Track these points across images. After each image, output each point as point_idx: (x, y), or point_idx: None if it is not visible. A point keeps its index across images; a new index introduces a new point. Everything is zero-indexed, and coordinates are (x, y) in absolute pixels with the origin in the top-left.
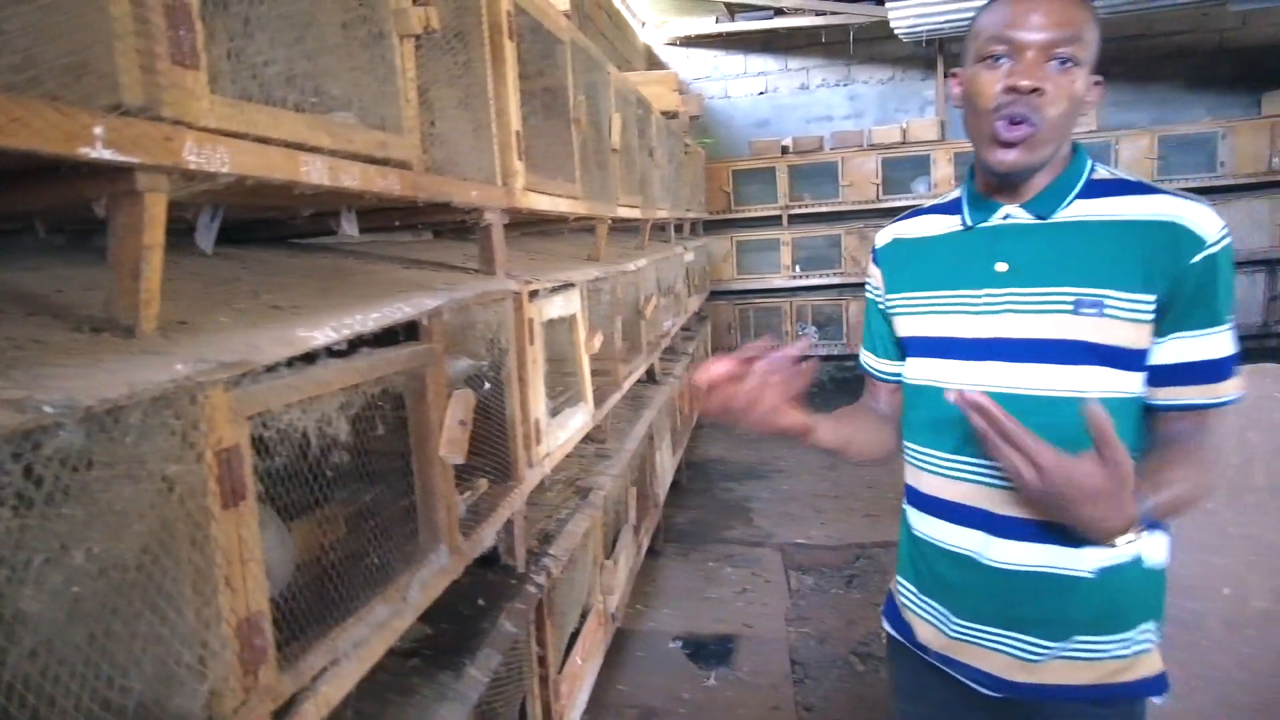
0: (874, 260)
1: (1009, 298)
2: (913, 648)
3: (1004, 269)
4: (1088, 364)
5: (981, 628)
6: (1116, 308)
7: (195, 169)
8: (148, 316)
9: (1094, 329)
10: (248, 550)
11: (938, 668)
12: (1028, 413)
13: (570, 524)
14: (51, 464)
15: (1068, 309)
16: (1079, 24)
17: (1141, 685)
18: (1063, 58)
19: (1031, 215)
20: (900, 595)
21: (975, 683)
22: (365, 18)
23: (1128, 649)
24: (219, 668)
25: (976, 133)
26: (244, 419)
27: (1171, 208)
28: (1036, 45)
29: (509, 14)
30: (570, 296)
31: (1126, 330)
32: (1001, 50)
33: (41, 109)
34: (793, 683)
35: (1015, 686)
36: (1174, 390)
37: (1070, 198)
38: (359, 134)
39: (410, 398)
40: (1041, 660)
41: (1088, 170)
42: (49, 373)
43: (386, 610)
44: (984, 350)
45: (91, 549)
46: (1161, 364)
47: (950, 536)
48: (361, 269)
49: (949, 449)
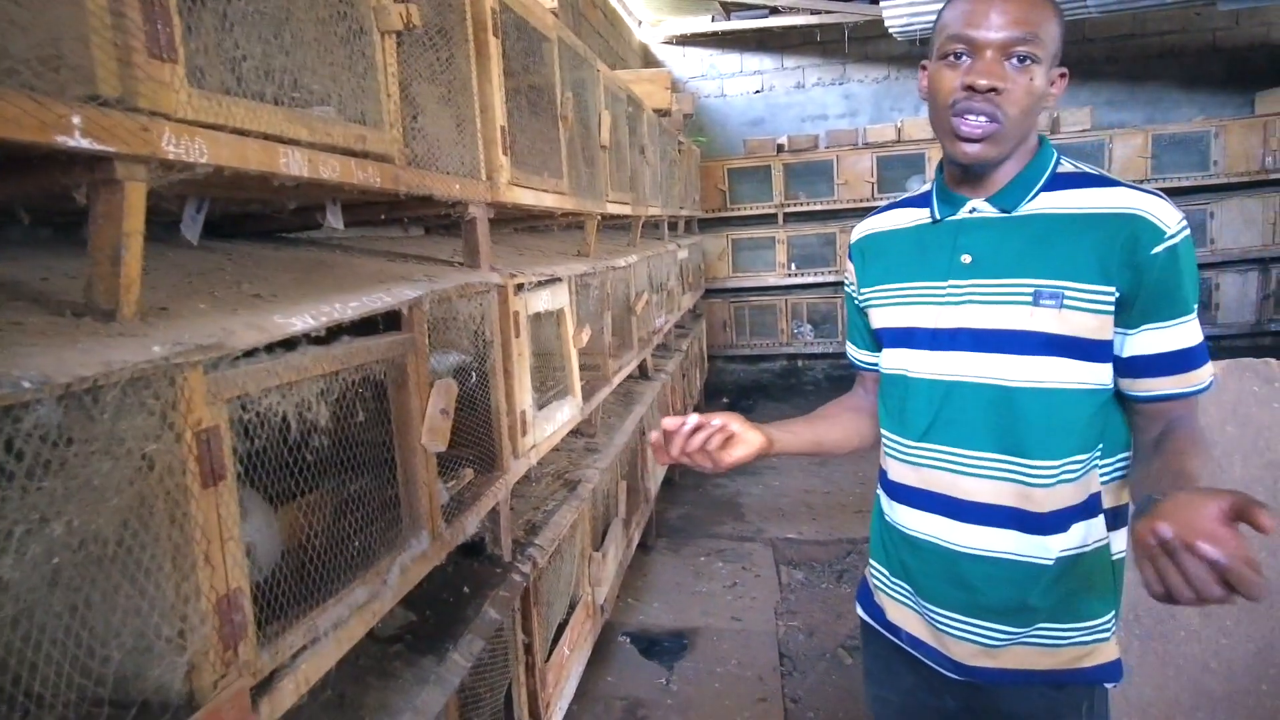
0: (849, 255)
1: (971, 289)
2: (884, 631)
3: (968, 260)
4: (1048, 355)
5: (946, 613)
6: (1076, 299)
7: (174, 159)
8: (128, 301)
9: (1054, 320)
10: (227, 529)
11: (906, 652)
12: (989, 403)
13: (557, 515)
14: (31, 439)
15: (1027, 300)
16: (1037, 22)
17: (1098, 671)
18: (1021, 55)
19: (996, 209)
20: (873, 578)
21: (939, 665)
22: (344, 14)
23: (1089, 636)
24: (197, 642)
25: (938, 126)
26: (222, 401)
27: (1131, 200)
28: (994, 44)
29: (493, 10)
30: (557, 291)
31: (1087, 321)
32: (961, 49)
33: (17, 98)
34: (780, 675)
35: (976, 671)
36: (1153, 381)
37: (1034, 191)
38: (337, 127)
39: (391, 386)
40: (1003, 646)
41: (1053, 164)
42: (24, 352)
43: (365, 592)
44: (948, 340)
45: (71, 522)
46: (1136, 355)
47: (915, 522)
48: (345, 261)
49: (915, 436)
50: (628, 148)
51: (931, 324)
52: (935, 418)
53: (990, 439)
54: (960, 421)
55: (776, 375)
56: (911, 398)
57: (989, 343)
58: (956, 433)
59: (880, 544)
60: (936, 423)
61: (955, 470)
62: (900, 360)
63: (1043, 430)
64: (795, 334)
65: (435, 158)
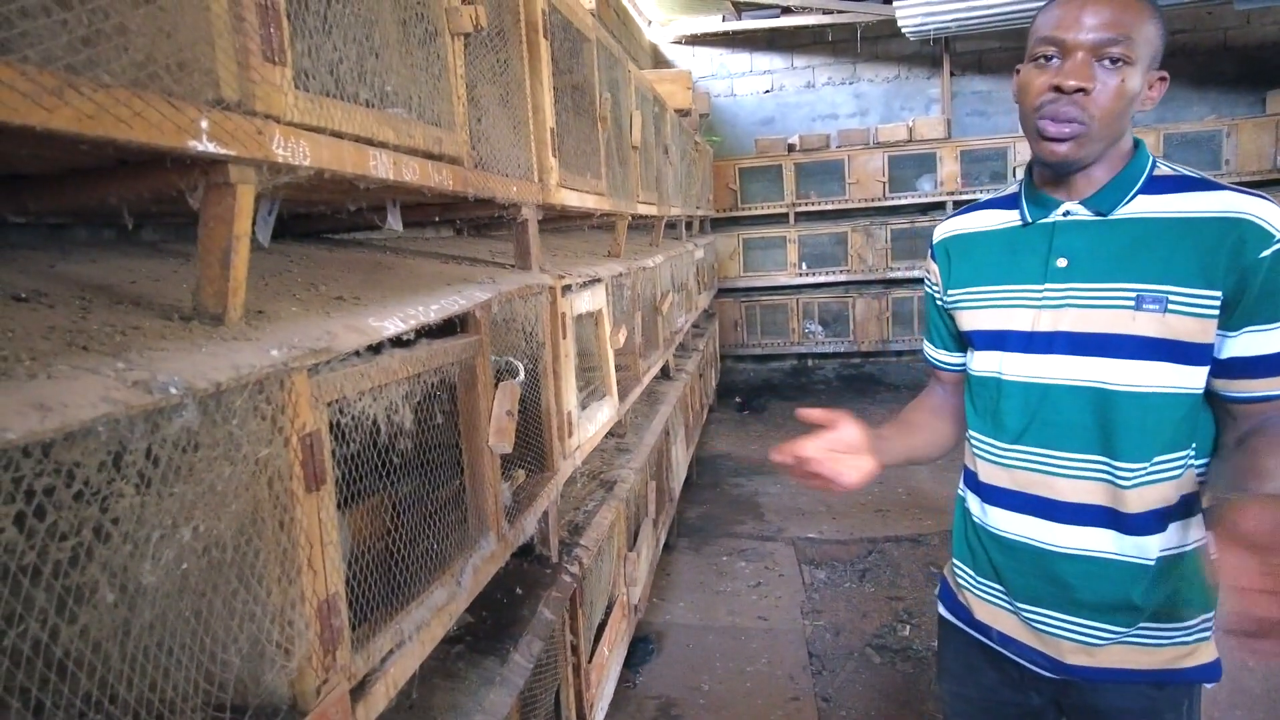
0: (931, 255)
1: (1070, 292)
2: (969, 630)
3: (1064, 264)
4: (1149, 359)
5: (1042, 611)
6: (1180, 303)
7: (281, 162)
8: (235, 305)
9: (1157, 324)
10: (327, 533)
11: (989, 649)
12: (1087, 406)
13: (597, 515)
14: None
15: (1129, 304)
16: (1129, 24)
17: (1198, 671)
18: (1113, 57)
19: (1091, 212)
20: (957, 577)
21: (1032, 664)
22: (421, 15)
23: (1190, 636)
24: (302, 647)
25: (1026, 128)
26: (324, 405)
27: (1237, 204)
28: (1085, 46)
29: (544, 12)
30: (597, 292)
31: (1190, 325)
32: (1052, 51)
33: (159, 103)
34: (810, 674)
35: (1075, 669)
36: (1250, 383)
37: (1131, 194)
38: (418, 129)
39: (461, 387)
40: (1104, 645)
41: (1149, 167)
42: (158, 356)
43: (444, 594)
44: (1045, 343)
45: (198, 527)
46: (1234, 357)
47: (1008, 523)
48: (401, 263)
49: (1009, 439)
50: (654, 148)
51: (1027, 327)
52: (1031, 420)
53: (1085, 441)
54: (1056, 424)
55: (787, 374)
56: (1005, 400)
57: (1088, 346)
58: (1052, 434)
59: (965, 544)
60: (1032, 425)
61: (1049, 472)
62: (993, 363)
63: (1137, 432)
64: (806, 333)
65: (495, 160)
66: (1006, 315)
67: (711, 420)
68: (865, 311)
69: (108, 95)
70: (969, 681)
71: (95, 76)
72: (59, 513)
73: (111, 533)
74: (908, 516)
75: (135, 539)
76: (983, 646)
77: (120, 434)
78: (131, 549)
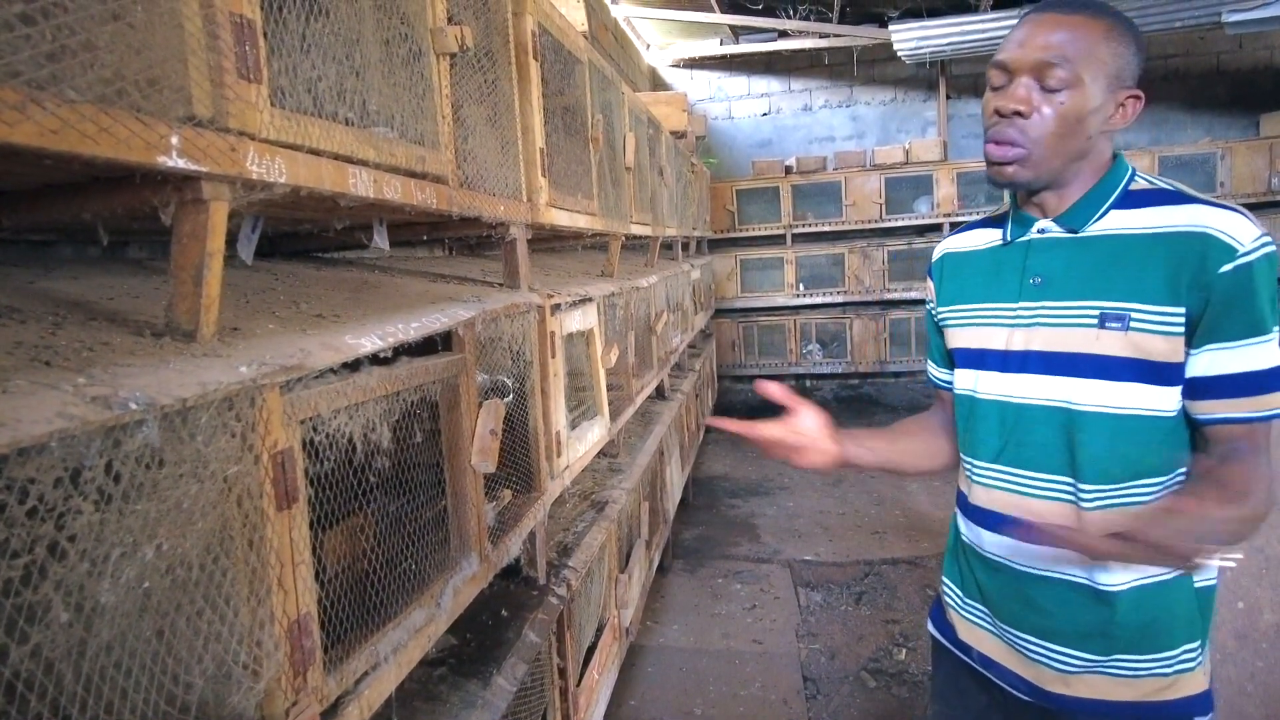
0: (929, 273)
1: (1041, 311)
2: (954, 649)
3: (1038, 282)
4: (1117, 380)
5: (1020, 634)
6: (1144, 321)
7: (256, 179)
8: (208, 322)
9: (1121, 343)
10: (299, 553)
11: (978, 673)
12: (1058, 426)
13: (587, 537)
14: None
15: (1093, 323)
16: (1072, 46)
17: (1185, 704)
18: (1052, 78)
19: (1063, 229)
20: (945, 596)
21: (1013, 688)
22: (405, 35)
23: (1169, 667)
24: (271, 668)
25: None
26: (296, 422)
27: (1202, 217)
28: (1025, 68)
29: (533, 34)
30: (588, 311)
31: (1158, 344)
32: (1001, 76)
33: (127, 119)
34: (805, 698)
35: (1050, 696)
36: (1214, 404)
37: (1103, 210)
38: (400, 148)
39: (444, 406)
40: (1077, 673)
41: (1125, 181)
42: (122, 372)
43: (423, 615)
44: (1017, 363)
45: (161, 545)
46: (1197, 376)
47: (990, 544)
48: (388, 282)
49: (988, 458)
50: (648, 169)
51: (1002, 346)
52: (1008, 440)
53: (1056, 462)
54: (1030, 444)
55: None
56: (979, 419)
57: (1058, 365)
58: (1026, 455)
59: (955, 564)
60: (1009, 445)
61: (1023, 493)
62: (970, 381)
63: (1104, 454)
64: (804, 354)
65: (483, 179)
66: (986, 334)
67: (708, 440)
68: (863, 332)
69: (72, 111)
70: (958, 704)
71: (60, 92)
72: (10, 529)
73: (68, 550)
74: (905, 539)
75: (93, 557)
76: (973, 670)
77: (77, 450)
78: (89, 567)
